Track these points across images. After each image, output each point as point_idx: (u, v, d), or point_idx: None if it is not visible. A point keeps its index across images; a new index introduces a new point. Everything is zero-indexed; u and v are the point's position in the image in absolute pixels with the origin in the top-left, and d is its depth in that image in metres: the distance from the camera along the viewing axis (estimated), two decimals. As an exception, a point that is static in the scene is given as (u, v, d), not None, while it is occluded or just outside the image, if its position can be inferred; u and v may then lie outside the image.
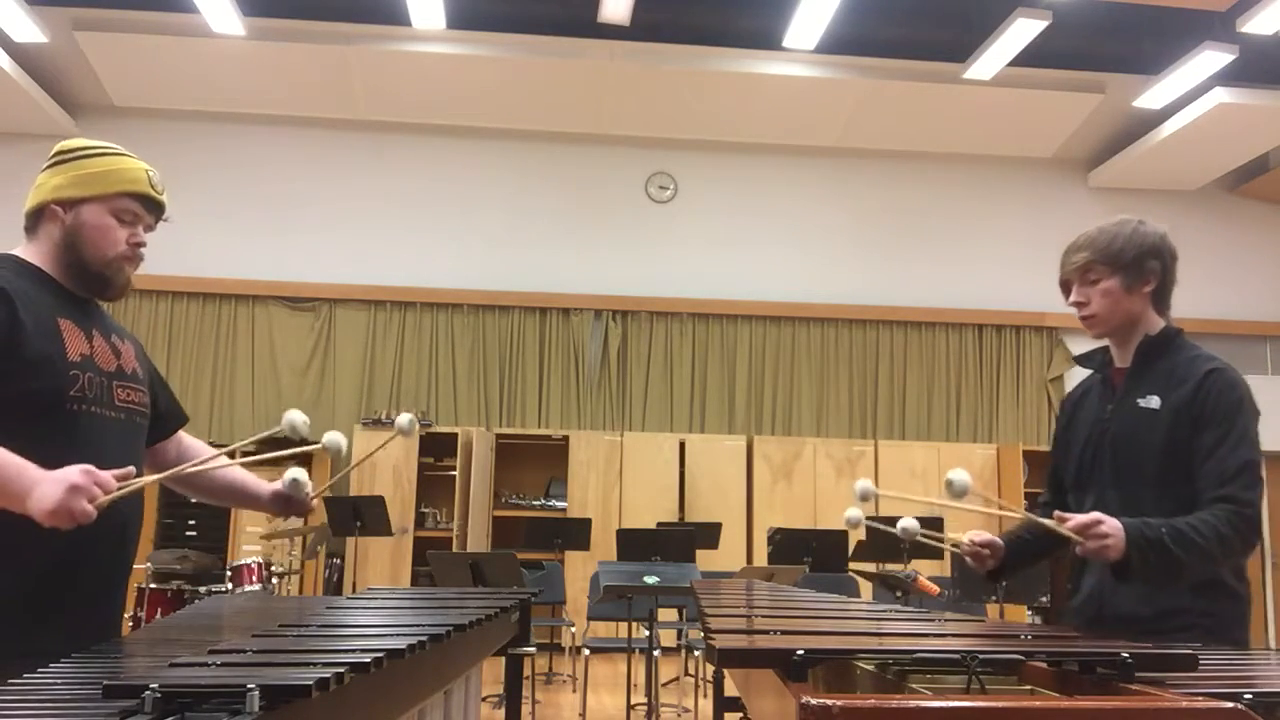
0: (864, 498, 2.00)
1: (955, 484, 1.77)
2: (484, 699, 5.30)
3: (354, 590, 7.50)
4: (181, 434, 2.20)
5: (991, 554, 2.18)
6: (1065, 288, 2.15)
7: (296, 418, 1.92)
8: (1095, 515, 1.81)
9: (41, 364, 1.73)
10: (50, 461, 1.64)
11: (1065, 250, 2.14)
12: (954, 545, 2.21)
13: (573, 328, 9.25)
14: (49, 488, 1.55)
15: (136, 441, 1.93)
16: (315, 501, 2.15)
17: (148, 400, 1.99)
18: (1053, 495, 2.30)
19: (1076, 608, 2.13)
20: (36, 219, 1.87)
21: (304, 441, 2.00)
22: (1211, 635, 1.87)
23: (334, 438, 1.96)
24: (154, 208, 1.90)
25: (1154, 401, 2.02)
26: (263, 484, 2.16)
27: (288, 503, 2.11)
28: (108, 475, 1.60)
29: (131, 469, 1.65)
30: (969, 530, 2.23)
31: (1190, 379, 1.99)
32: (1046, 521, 1.87)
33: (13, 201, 8.43)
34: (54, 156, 1.90)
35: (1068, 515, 1.84)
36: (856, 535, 6.20)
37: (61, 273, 1.85)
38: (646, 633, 4.92)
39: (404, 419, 2.20)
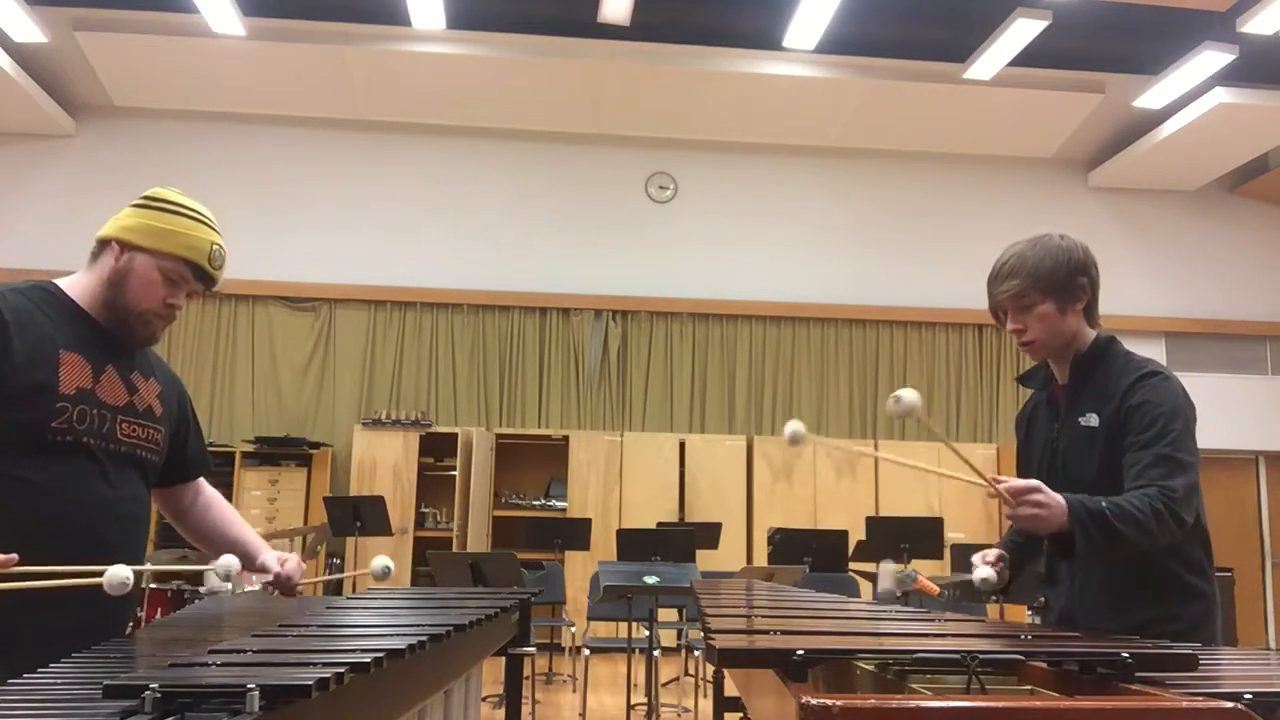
0: (794, 440, 1.91)
1: (903, 400, 1.76)
2: (484, 699, 5.30)
3: (354, 590, 7.50)
4: (203, 484, 2.20)
5: (1005, 568, 2.19)
6: (998, 315, 2.14)
7: (232, 563, 1.89)
8: (1034, 482, 1.80)
9: (28, 394, 1.75)
10: (30, 489, 1.71)
11: (992, 277, 2.10)
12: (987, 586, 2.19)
13: (573, 328, 9.25)
14: None
15: (135, 477, 1.93)
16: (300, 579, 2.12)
17: (162, 439, 2.00)
18: None
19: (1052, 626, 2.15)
20: (101, 249, 1.93)
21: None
22: (1181, 639, 1.85)
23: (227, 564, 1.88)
24: (204, 278, 1.96)
25: (1093, 419, 2.04)
26: (265, 554, 2.13)
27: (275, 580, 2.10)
28: None
29: (14, 556, 1.58)
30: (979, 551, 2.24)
31: (1119, 391, 2.01)
32: (981, 477, 1.83)
33: (13, 201, 8.45)
34: (142, 198, 1.96)
35: (1003, 477, 1.83)
36: (857, 536, 6.20)
37: (98, 308, 1.90)
38: (646, 633, 4.92)
39: (378, 564, 2.18)
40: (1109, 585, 2.02)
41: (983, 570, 2.11)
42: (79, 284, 1.92)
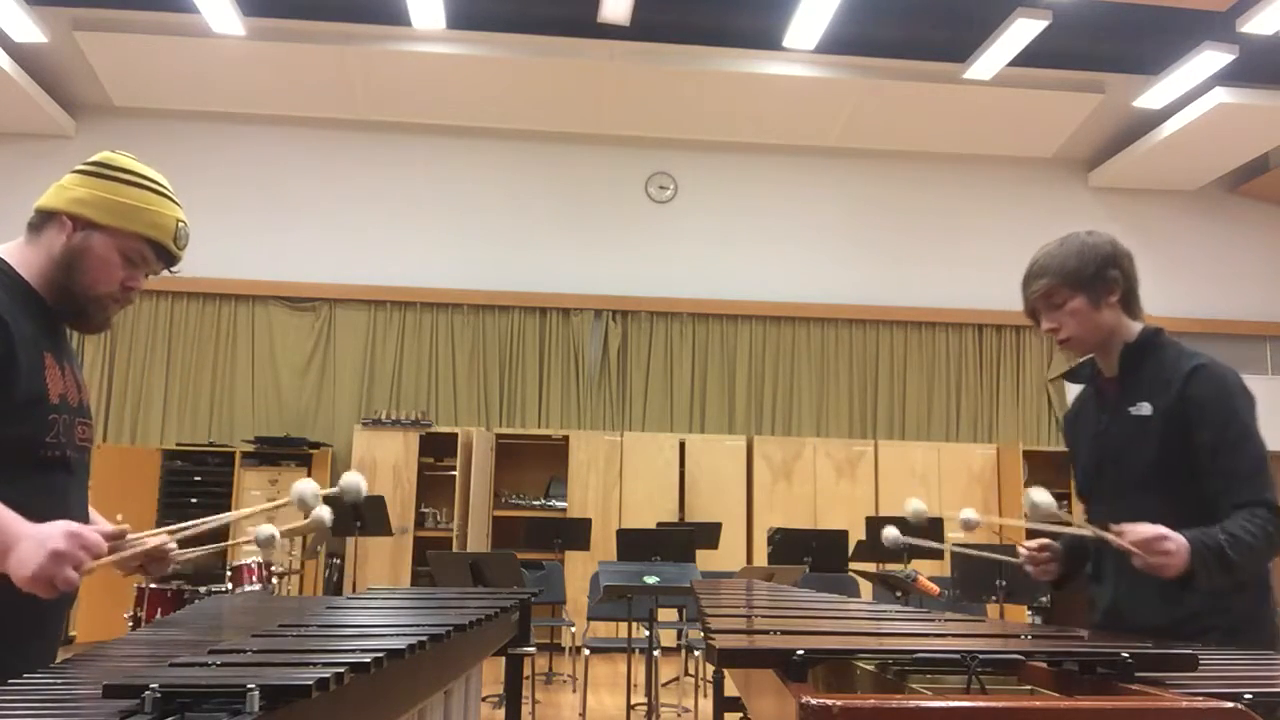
0: (967, 527, 2.10)
1: (1040, 505, 1.82)
2: (484, 699, 5.30)
3: (354, 590, 7.50)
4: None
5: (1052, 558, 2.20)
6: (1033, 316, 2.15)
7: (306, 489, 1.76)
8: (1160, 530, 1.78)
9: (28, 406, 1.58)
10: (19, 509, 1.51)
11: (1024, 278, 2.12)
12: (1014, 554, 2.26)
13: (573, 328, 9.25)
14: (29, 550, 1.40)
15: (83, 479, 1.76)
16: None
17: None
18: (1085, 508, 2.33)
19: (1097, 624, 2.12)
20: (45, 220, 1.71)
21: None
22: (1232, 635, 1.84)
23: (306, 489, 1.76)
24: (167, 258, 1.76)
25: (1145, 409, 2.01)
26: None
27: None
28: (96, 538, 1.43)
29: (126, 528, 1.51)
30: (1024, 539, 2.25)
31: (1176, 380, 1.98)
32: (1105, 535, 1.85)
33: (13, 201, 8.43)
34: (92, 164, 1.73)
35: (1125, 528, 1.82)
36: (857, 536, 6.20)
37: (46, 288, 1.69)
38: (646, 633, 4.92)
39: (263, 531, 2.05)
40: (1158, 579, 1.99)
41: (966, 512, 2.20)
42: (23, 260, 1.69)
